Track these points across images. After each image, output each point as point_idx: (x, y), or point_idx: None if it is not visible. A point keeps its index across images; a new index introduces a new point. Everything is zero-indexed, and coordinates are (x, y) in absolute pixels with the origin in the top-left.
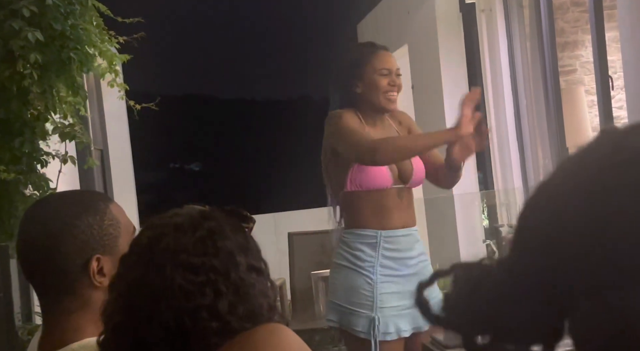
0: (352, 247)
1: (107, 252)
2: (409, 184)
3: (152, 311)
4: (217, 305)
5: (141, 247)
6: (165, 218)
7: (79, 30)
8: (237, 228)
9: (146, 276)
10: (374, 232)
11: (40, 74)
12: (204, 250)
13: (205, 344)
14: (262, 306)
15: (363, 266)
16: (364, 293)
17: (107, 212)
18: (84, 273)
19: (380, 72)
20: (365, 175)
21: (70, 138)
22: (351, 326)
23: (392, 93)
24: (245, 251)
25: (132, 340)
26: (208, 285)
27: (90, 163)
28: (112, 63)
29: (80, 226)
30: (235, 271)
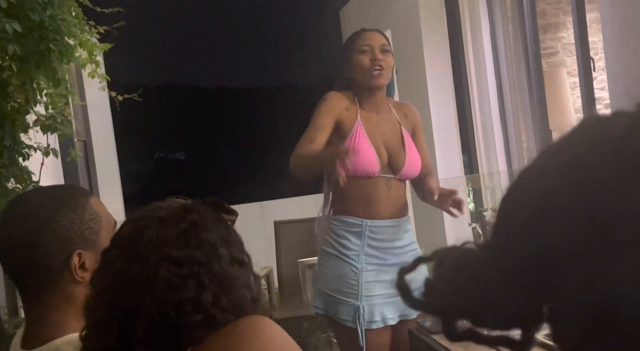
0: (338, 234)
1: (89, 247)
2: (398, 175)
3: (135, 304)
4: (200, 297)
5: (123, 240)
6: (147, 211)
7: (57, 21)
8: (220, 221)
9: (129, 270)
10: (360, 221)
11: (19, 65)
12: (187, 242)
13: (189, 336)
14: (246, 298)
15: (348, 255)
16: (349, 281)
17: (87, 207)
18: (66, 269)
19: (361, 49)
20: (354, 159)
21: (52, 131)
22: (337, 314)
23: (374, 71)
24: (227, 243)
25: (115, 334)
26: (191, 278)
27: (73, 155)
28: (92, 53)
29: (61, 221)
30: (218, 263)
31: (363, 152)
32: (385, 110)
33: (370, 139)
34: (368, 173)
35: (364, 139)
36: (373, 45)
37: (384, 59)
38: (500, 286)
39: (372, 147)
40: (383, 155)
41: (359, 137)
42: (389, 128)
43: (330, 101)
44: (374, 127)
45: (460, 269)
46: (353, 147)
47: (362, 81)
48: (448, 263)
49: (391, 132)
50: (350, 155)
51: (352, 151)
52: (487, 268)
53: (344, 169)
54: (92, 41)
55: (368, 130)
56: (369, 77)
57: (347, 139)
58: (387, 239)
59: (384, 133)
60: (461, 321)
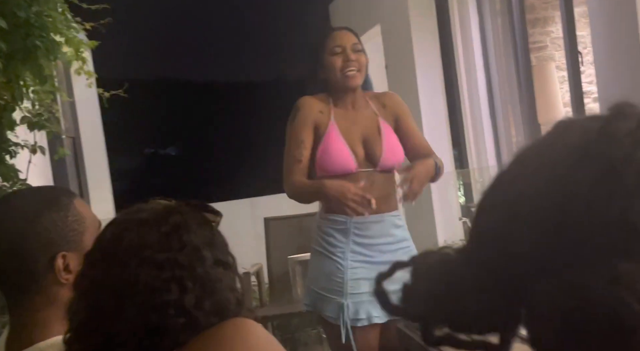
0: (325, 232)
1: (73, 248)
2: (378, 167)
3: (117, 308)
4: (183, 300)
5: (105, 243)
6: (130, 213)
7: (43, 17)
8: (203, 223)
9: (110, 273)
10: (344, 218)
11: (5, 62)
12: (169, 245)
13: (173, 340)
14: (230, 301)
15: (334, 252)
16: (335, 279)
17: (70, 208)
18: (50, 271)
19: (333, 50)
20: (328, 158)
21: (40, 128)
22: (323, 311)
23: (348, 71)
24: (211, 245)
25: (97, 338)
26: (174, 281)
27: (60, 153)
28: (78, 50)
29: (44, 223)
30: (201, 266)
31: (336, 150)
32: (363, 105)
33: (345, 137)
34: (345, 171)
35: (337, 138)
36: (345, 45)
37: (357, 58)
38: (476, 292)
39: (345, 144)
40: (359, 151)
41: (332, 136)
42: (366, 122)
43: (303, 110)
44: (350, 123)
45: (438, 275)
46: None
47: (336, 82)
48: (425, 268)
49: (368, 126)
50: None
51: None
52: (463, 274)
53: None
54: (79, 38)
55: (342, 128)
56: (344, 78)
57: (320, 141)
58: (374, 235)
59: (361, 129)
60: (439, 327)
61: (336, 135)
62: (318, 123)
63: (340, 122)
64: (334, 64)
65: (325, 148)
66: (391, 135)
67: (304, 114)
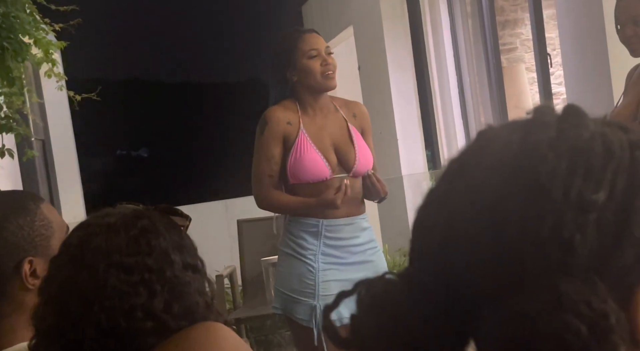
0: (295, 234)
1: (40, 253)
2: (351, 173)
3: (83, 313)
4: (152, 304)
5: (72, 247)
6: (98, 217)
7: (11, 19)
8: (172, 227)
9: (77, 278)
10: (316, 221)
11: None
12: (137, 249)
13: (141, 344)
14: (199, 304)
15: (305, 255)
16: (306, 281)
17: (37, 213)
18: (16, 276)
19: (309, 54)
20: (302, 168)
21: (7, 131)
22: (293, 313)
23: (327, 73)
24: (180, 249)
25: (64, 343)
26: (142, 284)
27: (29, 154)
28: (47, 52)
29: (9, 228)
30: (170, 269)
31: (310, 159)
32: (331, 110)
33: (316, 144)
34: (319, 178)
35: (308, 147)
36: (319, 48)
37: (332, 61)
38: (422, 321)
39: (318, 153)
40: (331, 158)
41: (303, 146)
42: (336, 128)
43: (271, 124)
44: (319, 130)
45: (382, 306)
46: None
47: (313, 85)
48: (370, 295)
49: (339, 132)
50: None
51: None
52: (407, 302)
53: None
54: (48, 39)
55: (313, 135)
56: (324, 80)
57: (291, 150)
58: (345, 237)
59: (331, 134)
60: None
61: (308, 144)
62: (287, 135)
63: (310, 129)
64: (312, 67)
65: (297, 158)
66: (362, 143)
67: (272, 128)
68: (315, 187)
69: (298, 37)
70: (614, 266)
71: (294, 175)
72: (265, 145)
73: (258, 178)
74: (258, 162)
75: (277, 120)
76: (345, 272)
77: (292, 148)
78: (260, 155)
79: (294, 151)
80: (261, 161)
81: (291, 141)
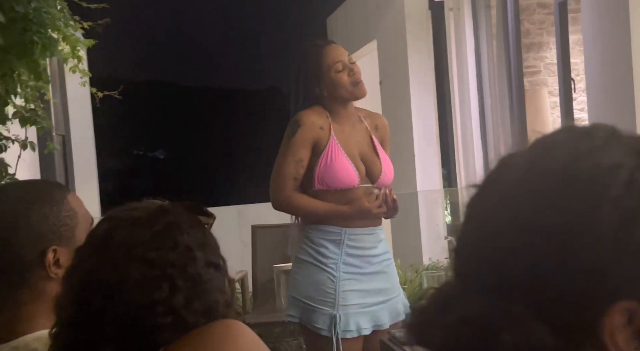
0: (315, 243)
1: (64, 243)
2: (376, 184)
3: (105, 304)
4: (172, 299)
5: (96, 239)
6: (123, 211)
7: (42, 14)
8: (196, 224)
9: (100, 270)
10: (339, 229)
11: (1, 56)
12: (161, 244)
13: (159, 338)
14: (219, 302)
15: (326, 263)
16: (326, 290)
17: (64, 203)
18: (40, 265)
19: (336, 68)
20: (332, 174)
21: (31, 123)
22: (312, 322)
23: (357, 82)
24: (203, 246)
25: (84, 334)
26: (164, 280)
27: (50, 147)
28: (75, 48)
29: (35, 216)
30: (193, 266)
31: (341, 166)
32: (357, 120)
33: (346, 152)
34: (348, 186)
35: (339, 154)
36: (344, 60)
37: (357, 69)
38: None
39: (348, 160)
40: (360, 166)
41: (334, 152)
42: (361, 138)
43: (304, 127)
44: (348, 138)
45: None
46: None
47: (344, 97)
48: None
49: (364, 142)
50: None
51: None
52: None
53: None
54: (76, 36)
55: (343, 143)
56: (355, 89)
57: (321, 156)
58: (366, 247)
59: (358, 144)
60: None
61: (339, 151)
62: (318, 140)
63: (340, 136)
64: (341, 79)
65: (327, 163)
66: (385, 155)
67: (304, 131)
68: (341, 195)
69: (320, 52)
70: None
71: (323, 180)
72: (294, 147)
73: (281, 179)
74: (284, 163)
75: (311, 123)
76: (363, 282)
77: (322, 154)
78: (287, 156)
79: (324, 156)
80: (288, 162)
81: (322, 146)
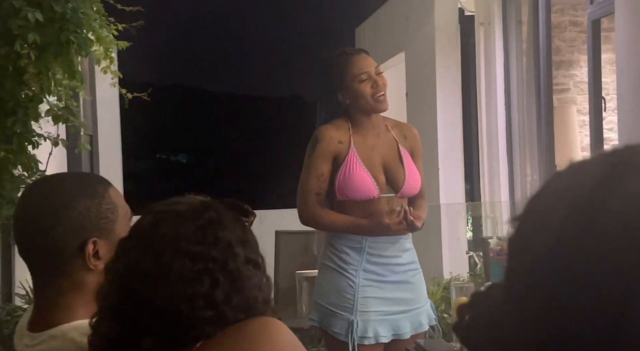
0: (338, 248)
1: (104, 236)
2: (399, 194)
3: (148, 295)
4: (213, 293)
5: (141, 231)
6: (167, 204)
7: (79, 14)
8: (237, 221)
9: (143, 261)
10: (360, 237)
11: (38, 54)
12: (204, 239)
13: (199, 332)
14: (257, 299)
15: (347, 269)
16: (345, 295)
17: (105, 196)
18: (79, 255)
19: (360, 78)
20: (350, 186)
21: (63, 121)
22: (330, 327)
23: (378, 95)
24: (243, 243)
25: (125, 323)
26: (206, 274)
27: (81, 146)
28: (108, 49)
29: (77, 208)
30: (233, 262)
31: (359, 178)
32: (383, 130)
33: (365, 163)
34: (367, 197)
35: (357, 166)
36: (369, 70)
37: (383, 82)
38: None
39: (367, 172)
40: (380, 177)
41: (352, 165)
42: (386, 148)
43: (323, 142)
44: (370, 149)
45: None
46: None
47: (365, 107)
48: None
49: (389, 152)
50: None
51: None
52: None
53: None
54: (111, 37)
55: (363, 154)
56: (375, 102)
57: (340, 168)
58: (388, 255)
59: (381, 154)
60: None
61: (357, 163)
62: (337, 153)
63: (361, 148)
64: (363, 91)
65: (346, 175)
66: (412, 165)
67: (323, 147)
68: (362, 205)
69: (348, 60)
70: None
71: (342, 192)
72: (315, 163)
73: (305, 195)
74: (307, 179)
75: (329, 139)
76: (384, 290)
77: (341, 166)
78: (309, 172)
79: (343, 169)
80: (310, 178)
81: (341, 159)
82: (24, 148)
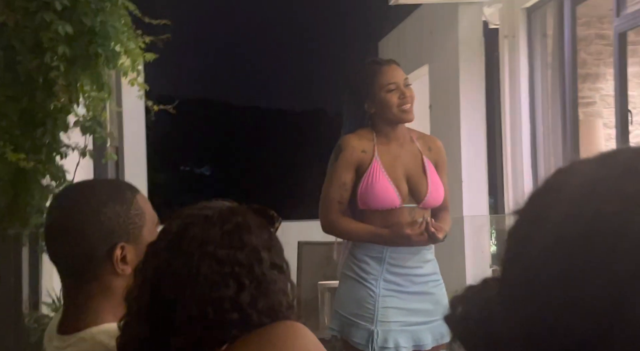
0: (358, 258)
1: (132, 241)
2: (421, 204)
3: (176, 298)
4: (239, 297)
5: (170, 235)
6: (195, 209)
7: (107, 27)
8: (263, 226)
9: (173, 264)
10: (381, 247)
11: (67, 67)
12: (231, 243)
13: (225, 334)
14: (282, 304)
15: (367, 279)
16: (366, 305)
17: (134, 202)
18: (108, 260)
19: (388, 88)
20: (372, 195)
21: (91, 132)
22: (350, 336)
23: (405, 106)
24: (269, 248)
25: (153, 324)
26: (232, 277)
27: (108, 156)
28: (135, 62)
29: (107, 213)
30: (259, 266)
31: (381, 187)
32: (407, 141)
33: (388, 173)
34: (389, 206)
35: (380, 175)
36: (398, 81)
37: (410, 93)
38: None
39: (389, 181)
40: (402, 187)
41: (375, 174)
42: (410, 158)
43: (346, 151)
44: (393, 159)
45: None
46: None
47: (390, 118)
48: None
49: (413, 163)
50: None
51: None
52: None
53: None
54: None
55: (386, 164)
56: (401, 114)
57: (363, 177)
58: (408, 266)
59: (404, 164)
60: None
61: (380, 172)
62: (360, 162)
63: (384, 158)
64: (390, 101)
65: (368, 185)
66: (435, 176)
67: (347, 156)
68: (384, 215)
69: (377, 70)
70: None
71: (364, 201)
72: (338, 172)
73: (327, 204)
74: (329, 188)
75: (352, 148)
76: (405, 300)
77: (364, 175)
78: (332, 180)
79: (365, 178)
80: (332, 187)
81: (364, 168)
82: (53, 159)
